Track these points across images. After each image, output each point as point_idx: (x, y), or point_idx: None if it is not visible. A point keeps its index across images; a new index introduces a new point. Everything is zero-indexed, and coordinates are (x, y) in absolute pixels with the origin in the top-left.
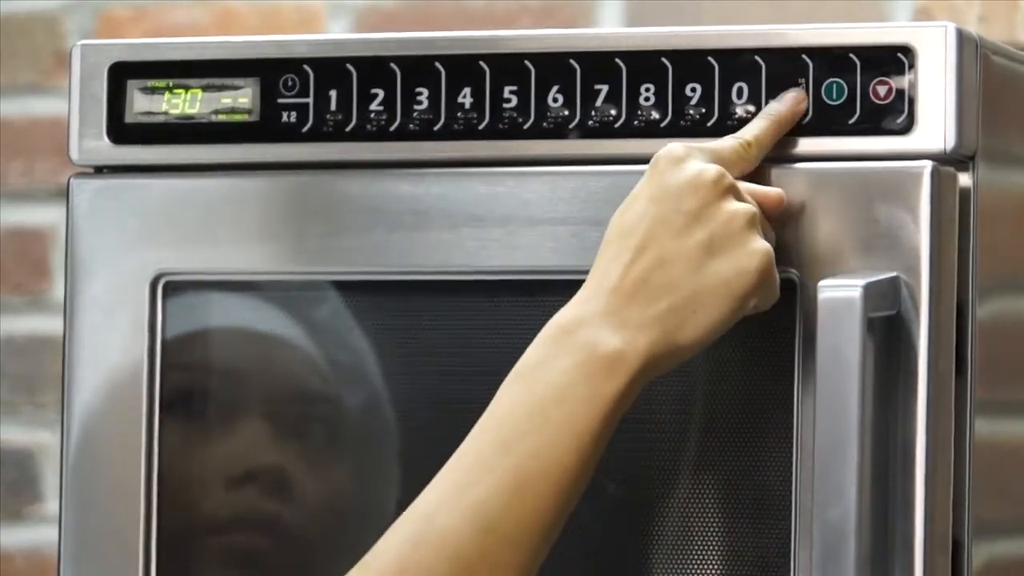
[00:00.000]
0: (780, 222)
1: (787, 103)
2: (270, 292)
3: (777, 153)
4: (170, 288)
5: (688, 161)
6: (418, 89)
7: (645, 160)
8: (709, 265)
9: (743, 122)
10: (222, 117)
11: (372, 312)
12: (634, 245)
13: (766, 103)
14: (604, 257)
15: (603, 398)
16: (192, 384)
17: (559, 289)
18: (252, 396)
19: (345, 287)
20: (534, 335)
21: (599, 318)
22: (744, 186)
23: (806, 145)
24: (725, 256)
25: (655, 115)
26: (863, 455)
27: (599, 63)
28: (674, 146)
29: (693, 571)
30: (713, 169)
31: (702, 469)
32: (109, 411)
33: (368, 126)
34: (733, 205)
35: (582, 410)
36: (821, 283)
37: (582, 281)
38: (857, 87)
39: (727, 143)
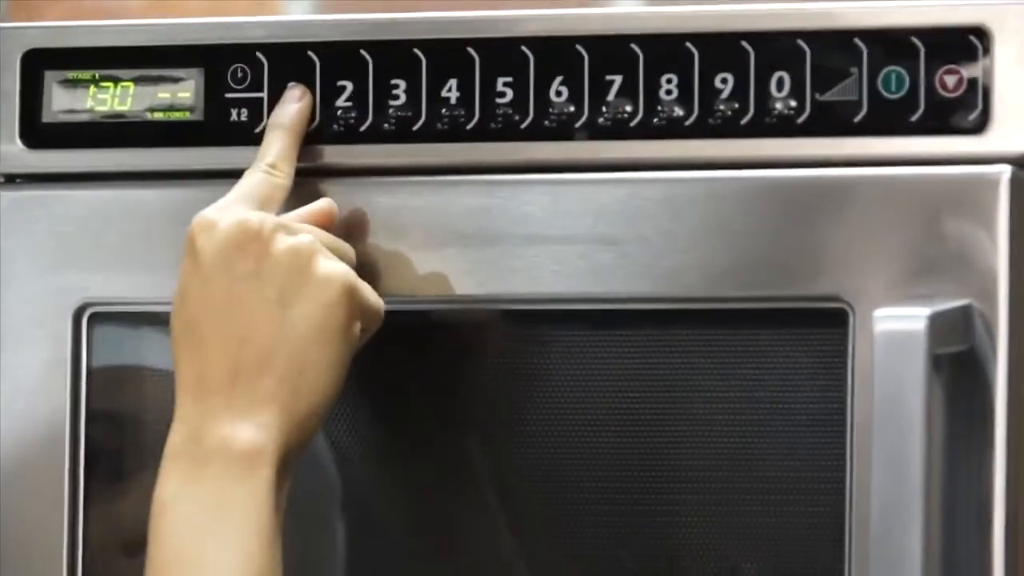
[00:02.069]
0: (823, 240)
1: (289, 104)
2: None
3: (822, 156)
4: (96, 320)
5: (222, 222)
6: (394, 81)
7: (666, 166)
8: (291, 318)
9: (784, 120)
10: (158, 115)
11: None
12: (208, 335)
13: (811, 97)
14: (183, 363)
15: (262, 490)
16: (122, 434)
17: (564, 320)
18: None
19: None
20: (533, 375)
21: (215, 421)
22: (291, 215)
23: (858, 147)
24: (302, 299)
25: (679, 112)
26: (929, 519)
27: (611, 49)
28: (203, 213)
29: None
30: (253, 218)
31: (743, 537)
32: (25, 466)
33: (334, 126)
34: (286, 244)
35: (248, 510)
36: (877, 313)
37: (591, 312)
38: (920, 77)
39: (254, 178)
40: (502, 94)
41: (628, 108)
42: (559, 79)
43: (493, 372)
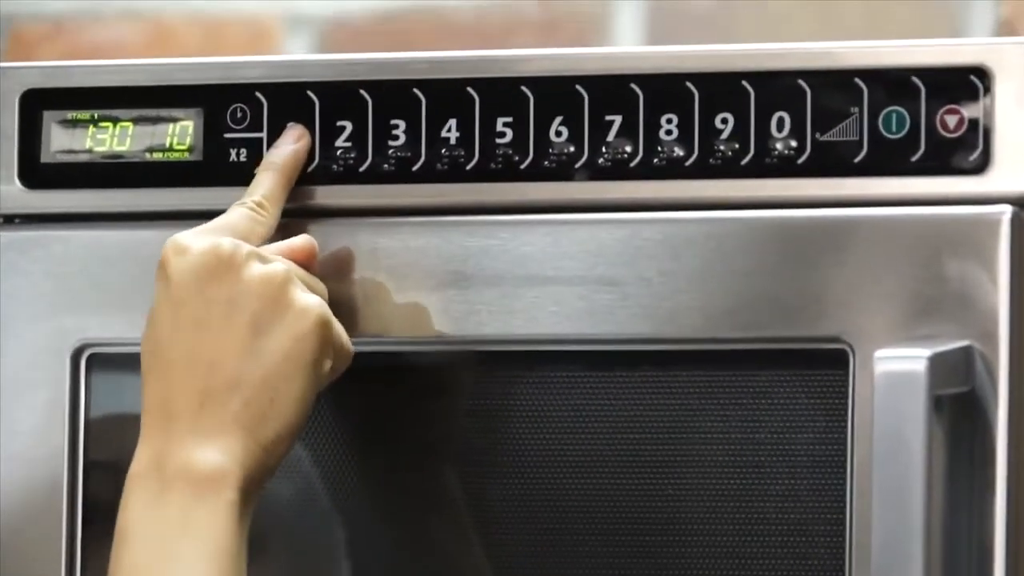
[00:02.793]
0: (823, 280)
1: (285, 144)
2: None
3: (823, 196)
4: (95, 361)
5: (195, 246)
6: (393, 121)
7: (666, 206)
8: (263, 345)
9: (784, 160)
10: (157, 156)
11: (335, 389)
12: (177, 358)
13: (812, 137)
14: (149, 387)
15: (224, 513)
16: (119, 475)
17: (564, 362)
18: None
19: None
20: (533, 416)
21: (178, 444)
22: (269, 247)
23: (859, 187)
24: (275, 328)
25: (679, 152)
26: (930, 560)
27: (611, 89)
28: (175, 237)
29: None
30: (226, 243)
31: None
32: (23, 510)
33: (333, 166)
34: (260, 271)
35: (211, 532)
36: (878, 354)
37: (590, 353)
38: (921, 117)
39: (235, 212)
40: (502, 134)
41: (628, 148)
42: (559, 119)
43: (493, 413)
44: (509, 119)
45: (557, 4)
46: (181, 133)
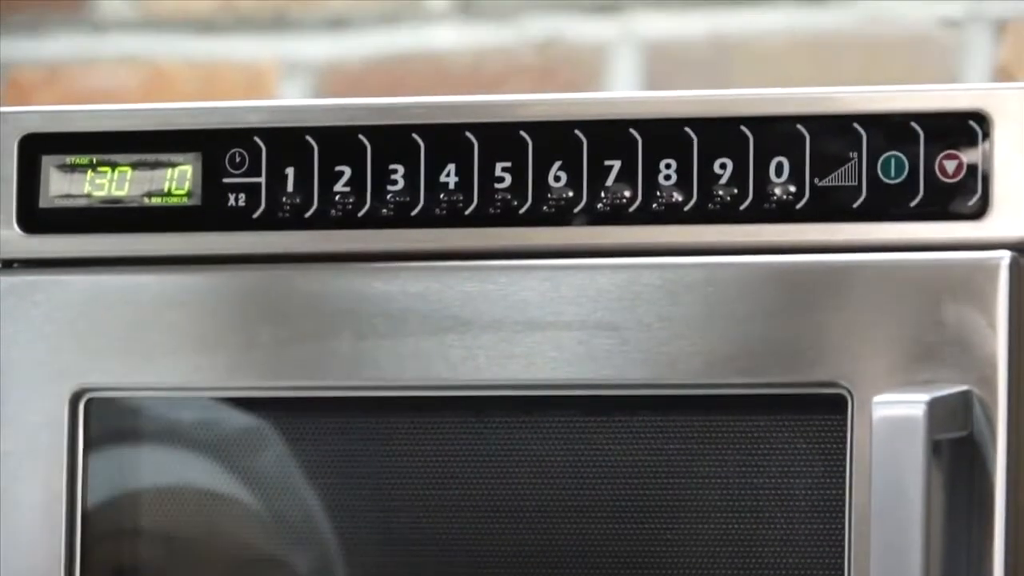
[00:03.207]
0: (822, 325)
1: None
2: (214, 410)
3: (821, 241)
4: (93, 406)
5: None
6: (392, 166)
7: (665, 251)
8: None
9: (783, 205)
10: (156, 200)
11: (337, 435)
12: None
13: (811, 182)
14: None
15: None
16: (119, 516)
17: (562, 407)
18: (197, 554)
19: (304, 405)
20: (531, 462)
21: None
22: None
23: (857, 232)
24: None
25: (677, 197)
26: None
27: (610, 134)
28: None
29: None
30: None
31: None
32: (21, 566)
33: (332, 211)
34: None
35: None
36: (876, 399)
37: (589, 397)
38: (920, 162)
39: None
40: (500, 179)
41: (627, 193)
42: (558, 164)
43: (491, 457)
44: (508, 164)
45: (554, 50)
46: (179, 178)
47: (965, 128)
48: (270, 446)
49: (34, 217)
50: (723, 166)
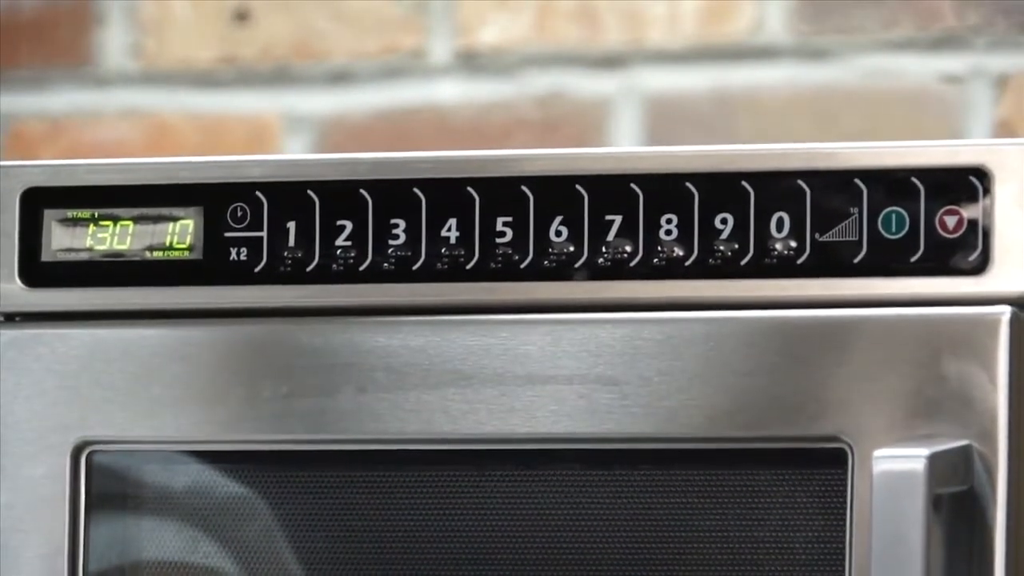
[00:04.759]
0: (822, 380)
1: None
2: (216, 464)
3: (822, 296)
4: (96, 459)
5: None
6: (394, 220)
7: (666, 306)
8: None
9: (784, 260)
10: (158, 254)
11: (338, 489)
12: None
13: (811, 237)
14: None
15: None
16: (122, 571)
17: (563, 461)
18: None
19: (306, 459)
20: (532, 515)
21: None
22: None
23: (858, 287)
24: None
25: (678, 252)
26: None
27: (611, 189)
28: None
29: None
30: None
31: None
32: None
33: (334, 265)
34: None
35: None
36: (877, 453)
37: (590, 451)
38: (921, 218)
39: None
40: (502, 233)
41: (628, 248)
42: (559, 219)
43: (492, 511)
44: (509, 218)
45: (556, 105)
46: (181, 232)
47: (966, 184)
48: (271, 500)
49: (36, 271)
50: (724, 221)
